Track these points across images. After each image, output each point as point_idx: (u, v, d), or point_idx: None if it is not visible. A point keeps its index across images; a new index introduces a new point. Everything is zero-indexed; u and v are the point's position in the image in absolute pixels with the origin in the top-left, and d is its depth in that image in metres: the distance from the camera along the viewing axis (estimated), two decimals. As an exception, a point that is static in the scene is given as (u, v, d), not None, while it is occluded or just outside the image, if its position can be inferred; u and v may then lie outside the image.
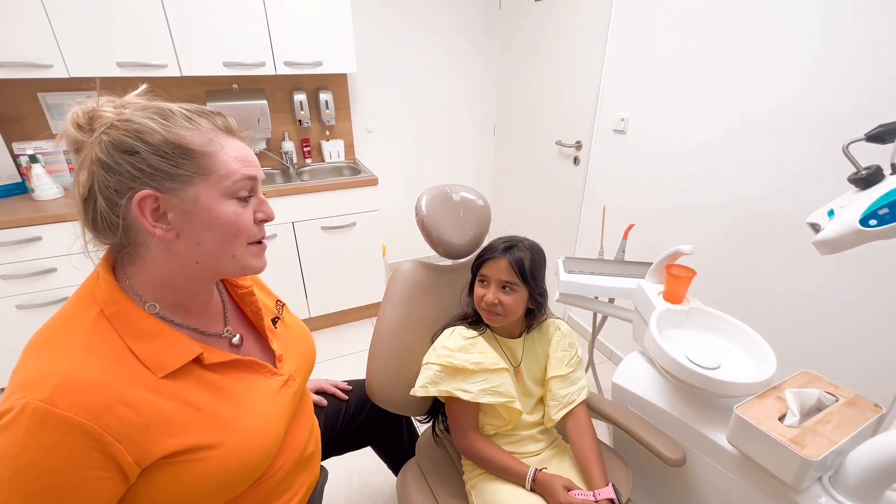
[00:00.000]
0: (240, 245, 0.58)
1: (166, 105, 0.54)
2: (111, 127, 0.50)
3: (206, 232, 0.54)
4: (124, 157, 0.49)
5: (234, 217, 0.56)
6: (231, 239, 0.56)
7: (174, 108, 0.54)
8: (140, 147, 0.50)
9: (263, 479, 0.64)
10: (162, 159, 0.50)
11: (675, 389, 0.95)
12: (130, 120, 0.51)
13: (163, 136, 0.51)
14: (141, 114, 0.52)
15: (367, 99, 2.41)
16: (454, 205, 1.04)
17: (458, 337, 0.92)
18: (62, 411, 0.43)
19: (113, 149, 0.49)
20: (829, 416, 0.73)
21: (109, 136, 0.50)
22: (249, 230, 0.58)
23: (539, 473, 0.83)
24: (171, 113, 0.53)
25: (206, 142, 0.53)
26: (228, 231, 0.55)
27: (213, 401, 0.56)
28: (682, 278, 0.99)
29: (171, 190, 0.51)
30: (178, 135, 0.52)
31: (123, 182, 0.50)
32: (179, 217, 0.52)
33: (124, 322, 0.51)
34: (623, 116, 1.72)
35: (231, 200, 0.55)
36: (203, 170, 0.53)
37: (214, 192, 0.54)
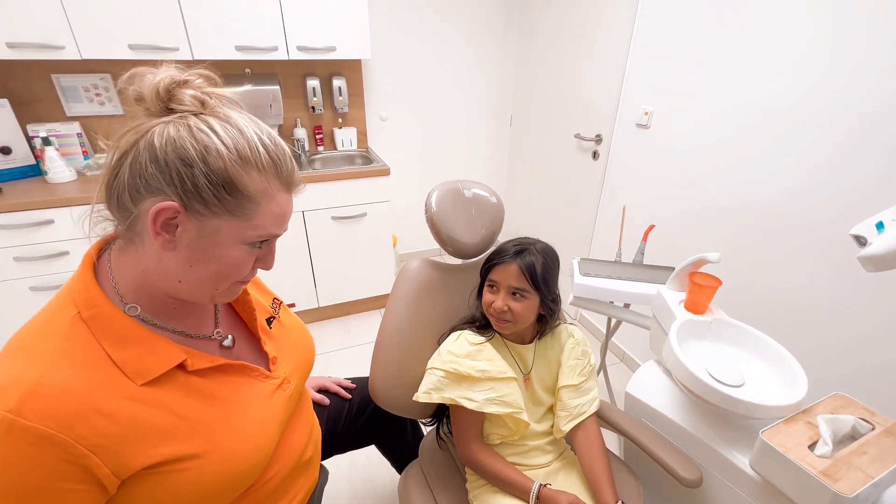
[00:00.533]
0: (226, 283, 0.55)
1: (245, 126, 0.49)
2: (182, 121, 0.47)
3: (204, 262, 0.50)
4: (177, 163, 0.46)
5: (238, 261, 0.53)
6: (222, 278, 0.53)
7: (251, 136, 0.49)
8: (197, 163, 0.46)
9: (257, 487, 0.61)
10: (209, 186, 0.47)
11: (693, 404, 0.90)
12: (203, 130, 0.47)
13: (224, 168, 0.47)
14: (217, 125, 0.47)
15: (381, 86, 2.35)
16: (466, 202, 0.99)
17: (464, 342, 0.88)
18: (31, 423, 0.41)
19: (171, 147, 0.46)
20: (864, 447, 0.67)
21: (177, 132, 0.46)
22: (243, 274, 0.55)
23: (544, 489, 0.79)
24: (246, 141, 0.48)
25: (260, 191, 0.50)
26: (225, 271, 0.53)
27: (198, 408, 0.53)
28: (707, 288, 0.93)
29: (196, 213, 0.47)
30: (239, 173, 0.48)
31: (159, 181, 0.46)
32: (189, 237, 0.49)
33: (102, 326, 0.48)
34: (647, 110, 1.64)
35: (244, 246, 0.52)
36: (239, 212, 0.49)
37: (235, 235, 0.50)
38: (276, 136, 0.53)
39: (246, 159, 0.48)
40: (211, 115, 0.49)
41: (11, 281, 1.60)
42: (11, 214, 1.53)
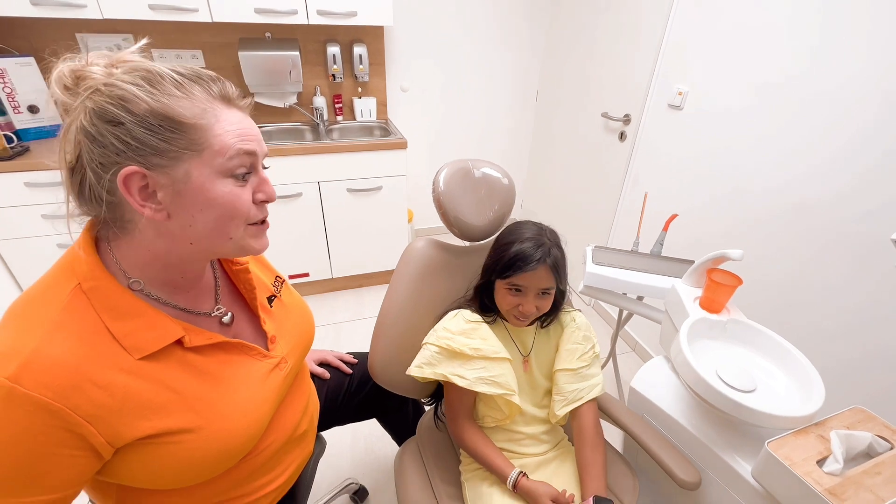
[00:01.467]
0: (237, 227, 0.52)
1: (157, 68, 0.47)
2: (96, 92, 0.45)
3: (199, 213, 0.49)
4: (108, 128, 0.44)
5: (230, 197, 0.50)
6: (226, 221, 0.51)
7: (164, 72, 0.47)
8: (124, 117, 0.44)
9: (249, 458, 0.63)
10: (148, 132, 0.45)
11: (698, 405, 0.87)
12: (115, 85, 0.45)
13: (149, 106, 0.45)
14: (127, 77, 0.45)
15: (403, 56, 2.28)
16: (476, 182, 0.95)
17: (461, 320, 0.86)
18: (27, 390, 0.41)
19: (97, 117, 0.44)
20: (879, 467, 0.63)
21: (94, 103, 0.44)
22: (247, 211, 0.52)
23: (522, 479, 0.78)
24: (161, 78, 0.46)
25: (198, 113, 0.47)
26: (223, 212, 0.50)
27: (194, 384, 0.53)
28: (725, 286, 0.88)
29: (159, 167, 0.46)
30: (166, 104, 0.46)
31: (108, 155, 0.45)
32: (170, 196, 0.47)
33: (102, 298, 0.48)
34: (681, 90, 1.53)
35: (227, 179, 0.50)
36: (195, 145, 0.47)
37: (208, 170, 0.48)
38: (188, 66, 0.50)
39: (166, 91, 0.46)
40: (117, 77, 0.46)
41: (40, 237, 1.66)
42: (38, 173, 1.57)
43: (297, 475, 0.77)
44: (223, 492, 0.63)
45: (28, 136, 1.75)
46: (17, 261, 1.68)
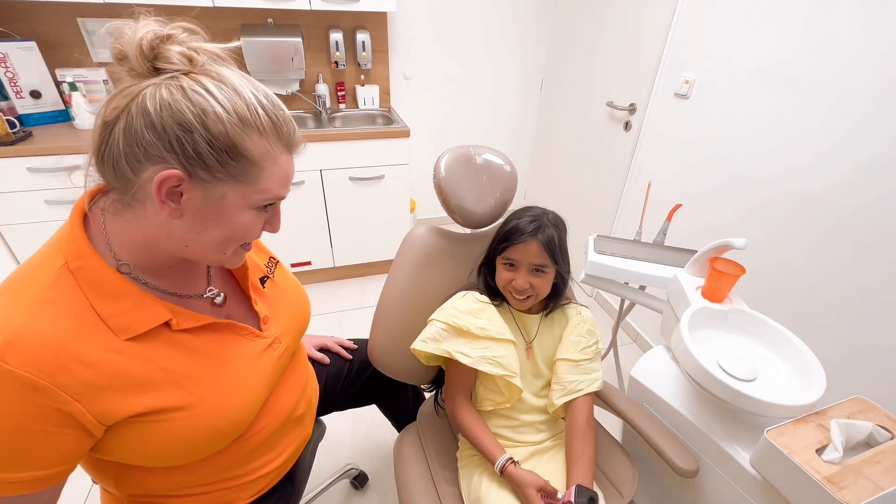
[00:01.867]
0: (233, 246, 0.54)
1: (245, 89, 0.47)
2: (175, 82, 0.44)
3: (212, 227, 0.50)
4: (175, 129, 0.43)
5: (247, 225, 0.52)
6: (231, 242, 0.53)
7: (249, 98, 0.47)
8: (197, 129, 0.44)
9: (244, 439, 0.63)
10: (211, 151, 0.45)
11: (698, 394, 0.87)
12: (199, 92, 0.44)
13: (225, 131, 0.45)
14: (212, 86, 0.45)
15: (406, 43, 2.25)
16: (477, 169, 0.94)
17: (470, 300, 0.87)
18: (13, 367, 0.41)
19: (167, 112, 0.43)
20: (879, 456, 0.63)
21: (170, 95, 0.43)
22: (251, 237, 0.55)
23: (510, 465, 0.78)
24: (244, 103, 0.46)
25: (262, 154, 0.48)
26: (233, 235, 0.52)
27: (184, 363, 0.53)
28: (728, 275, 0.87)
29: (201, 180, 0.46)
30: (240, 136, 0.46)
31: (158, 148, 0.44)
32: (195, 204, 0.47)
33: (89, 278, 0.48)
34: (688, 79, 1.50)
35: (252, 210, 0.52)
36: (244, 178, 0.48)
37: (241, 200, 0.50)
38: (272, 95, 0.50)
39: (246, 122, 0.46)
40: (202, 75, 0.46)
41: (43, 223, 1.67)
42: (42, 158, 1.57)
43: (295, 457, 0.78)
44: (221, 471, 0.63)
45: (30, 121, 1.75)
46: (20, 246, 1.69)
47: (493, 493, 0.78)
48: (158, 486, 0.60)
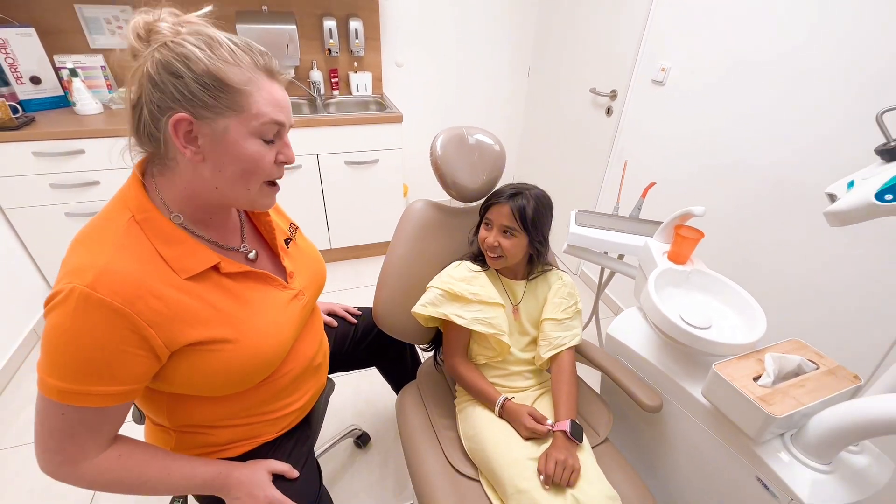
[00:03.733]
0: (256, 181, 0.61)
1: (216, 34, 0.56)
2: (163, 46, 0.53)
3: (229, 163, 0.58)
4: (170, 78, 0.52)
5: (257, 155, 0.59)
6: (249, 174, 0.60)
7: (222, 40, 0.55)
8: (184, 72, 0.52)
9: (274, 378, 0.73)
10: (202, 88, 0.53)
11: (663, 344, 0.99)
12: (181, 44, 0.53)
13: (206, 67, 0.53)
14: (191, 39, 0.54)
15: (398, 31, 2.32)
16: (469, 148, 1.04)
17: (463, 269, 0.98)
18: (102, 296, 0.51)
19: (161, 68, 0.52)
20: (804, 381, 0.76)
21: (161, 55, 0.53)
22: (268, 169, 0.61)
23: (508, 402, 0.91)
24: (218, 44, 0.55)
25: (244, 80, 0.55)
26: (248, 166, 0.59)
27: (229, 303, 0.63)
28: (689, 239, 0.99)
29: (204, 118, 0.54)
30: (220, 68, 0.54)
31: (165, 101, 0.53)
32: (208, 143, 0.56)
33: (153, 227, 0.58)
34: (664, 66, 1.62)
35: (257, 139, 0.58)
36: (237, 106, 0.55)
37: (243, 129, 0.56)
38: (247, 39, 0.59)
39: (222, 58, 0.54)
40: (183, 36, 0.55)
41: (49, 206, 1.72)
42: (45, 143, 1.62)
43: (312, 402, 0.88)
44: (255, 406, 0.74)
45: (31, 106, 1.79)
46: (26, 228, 1.74)
47: (489, 426, 0.90)
48: (203, 416, 0.70)
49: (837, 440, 0.67)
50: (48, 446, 0.56)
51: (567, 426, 0.86)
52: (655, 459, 1.05)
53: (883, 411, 0.61)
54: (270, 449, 0.79)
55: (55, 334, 0.52)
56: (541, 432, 0.87)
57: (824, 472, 0.71)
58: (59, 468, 0.57)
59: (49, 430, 0.55)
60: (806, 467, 0.72)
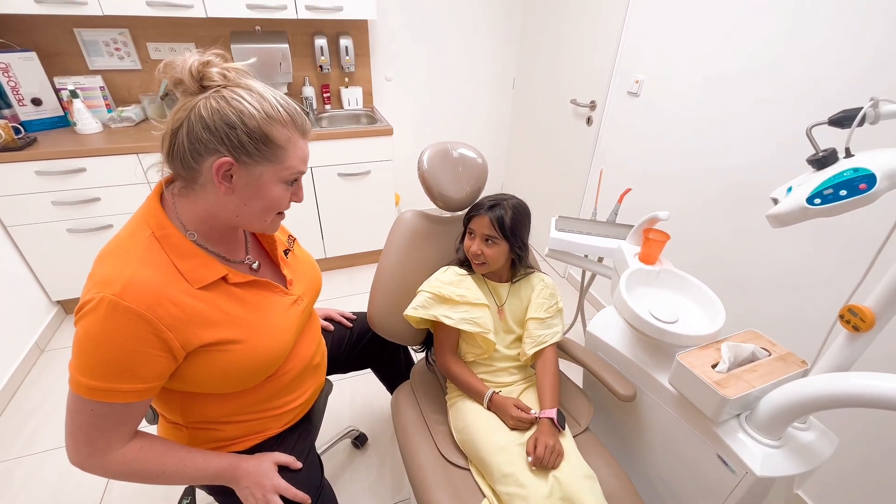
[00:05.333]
0: (271, 214, 0.72)
1: (266, 93, 0.64)
2: (220, 96, 0.61)
3: (255, 200, 0.67)
4: (223, 127, 0.60)
5: (279, 197, 0.69)
6: (269, 211, 0.70)
7: (272, 100, 0.64)
8: (238, 125, 0.61)
9: (277, 376, 0.81)
10: (250, 141, 0.62)
11: (637, 339, 1.08)
12: (238, 99, 0.61)
13: (258, 124, 0.62)
14: (246, 95, 0.62)
15: (387, 47, 2.42)
16: (454, 161, 1.12)
17: (451, 273, 1.06)
18: (129, 304, 0.58)
19: (217, 116, 0.60)
20: (757, 367, 0.84)
21: (217, 104, 0.60)
22: (283, 206, 0.72)
23: (495, 395, 0.99)
24: (270, 105, 0.63)
25: (285, 139, 0.65)
26: (270, 205, 0.69)
27: (237, 309, 0.71)
28: (657, 242, 1.08)
29: (244, 163, 0.63)
30: (269, 129, 0.63)
31: (213, 143, 0.61)
32: (242, 183, 0.65)
33: (170, 243, 0.65)
34: (638, 78, 1.72)
35: (282, 184, 0.68)
36: (275, 158, 0.65)
37: (274, 176, 0.66)
38: (286, 97, 0.68)
39: (272, 117, 0.63)
40: (236, 86, 0.63)
41: (51, 223, 1.78)
42: (47, 162, 1.68)
43: (312, 400, 0.96)
44: (260, 402, 0.81)
45: (32, 127, 1.85)
46: (29, 245, 1.79)
47: (478, 418, 0.98)
48: (214, 413, 0.77)
49: (784, 417, 0.75)
50: (77, 440, 0.63)
51: (554, 413, 0.94)
52: (631, 445, 1.12)
53: (817, 389, 0.69)
54: (275, 443, 0.86)
55: (87, 338, 0.59)
56: (526, 420, 0.95)
57: (774, 446, 0.80)
58: (88, 459, 0.64)
59: (80, 424, 0.62)
60: (758, 443, 0.80)
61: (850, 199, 0.69)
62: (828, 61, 1.11)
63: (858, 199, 0.68)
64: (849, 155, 0.74)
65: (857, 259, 1.07)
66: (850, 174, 0.70)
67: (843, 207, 0.70)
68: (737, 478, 0.82)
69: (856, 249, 1.08)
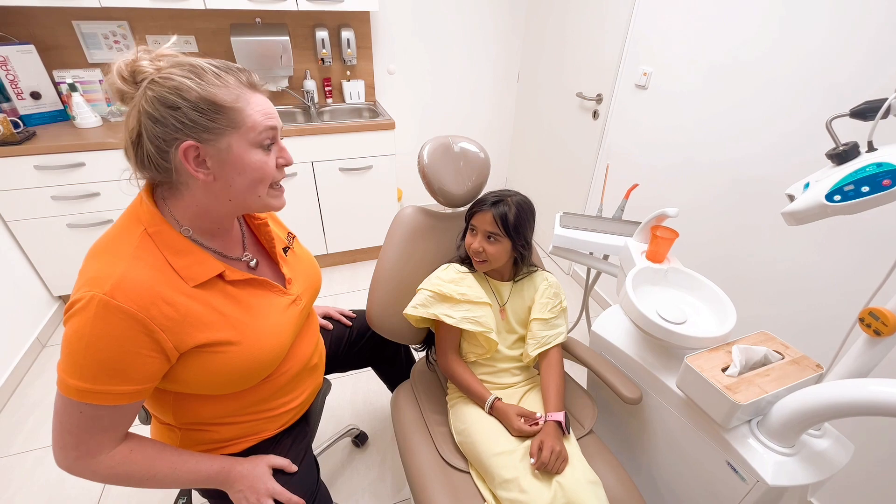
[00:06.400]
0: (264, 187, 0.67)
1: (197, 62, 0.60)
2: (153, 83, 0.58)
3: (237, 176, 0.63)
4: (168, 112, 0.57)
5: (260, 163, 0.64)
6: (257, 182, 0.65)
7: (205, 66, 0.60)
8: (181, 103, 0.57)
9: (274, 377, 0.78)
10: (199, 114, 0.58)
11: (643, 339, 1.04)
12: (170, 77, 0.57)
13: (198, 94, 0.58)
14: (177, 70, 0.58)
15: (389, 39, 2.38)
16: (455, 156, 1.09)
17: (452, 271, 1.03)
18: (119, 303, 0.56)
19: (158, 103, 0.57)
20: (769, 371, 0.81)
21: (154, 92, 0.57)
22: (272, 174, 0.67)
23: (497, 402, 0.96)
24: (203, 70, 0.59)
25: (234, 98, 0.60)
26: (255, 175, 0.64)
27: (233, 308, 0.68)
28: (665, 240, 1.05)
29: (208, 140, 0.59)
30: (211, 92, 0.59)
31: (168, 133, 0.58)
32: (216, 163, 0.61)
33: (163, 240, 0.63)
34: (646, 71, 1.67)
35: (257, 149, 0.64)
36: (233, 123, 0.61)
37: (244, 142, 0.62)
38: (223, 60, 0.64)
39: (209, 82, 0.59)
40: (167, 68, 0.59)
41: (51, 218, 1.76)
42: (46, 156, 1.67)
43: (310, 400, 0.93)
44: (256, 403, 0.79)
45: (31, 121, 1.84)
46: (29, 240, 1.78)
47: (479, 421, 0.95)
48: (207, 414, 0.75)
49: (797, 424, 0.72)
50: (66, 442, 0.61)
51: (562, 417, 0.91)
52: (637, 449, 1.10)
53: (834, 396, 0.66)
54: (271, 445, 0.84)
55: (76, 338, 0.57)
56: (529, 434, 0.91)
57: (787, 454, 0.76)
58: (76, 462, 0.62)
59: (67, 427, 0.60)
60: (770, 450, 0.77)
61: (872, 195, 0.65)
62: (843, 51, 1.06)
63: (882, 195, 0.65)
64: (871, 149, 0.70)
65: (877, 258, 1.03)
66: (873, 169, 0.66)
67: (864, 205, 0.67)
68: (747, 486, 0.79)
69: (875, 248, 1.03)
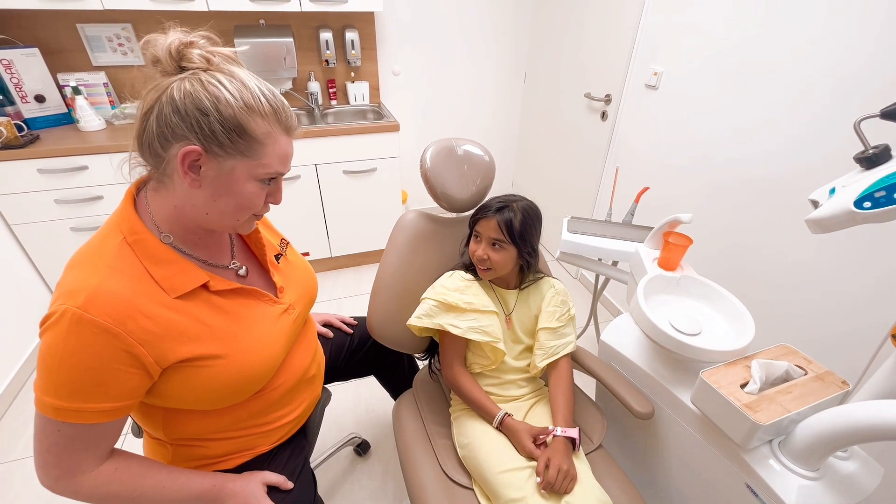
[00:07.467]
0: (245, 215, 0.65)
1: (248, 81, 0.58)
2: (197, 79, 0.55)
3: (224, 196, 0.60)
4: (195, 112, 0.54)
5: (253, 196, 0.62)
6: (241, 210, 0.63)
7: (255, 90, 0.58)
8: (212, 111, 0.55)
9: (267, 391, 0.75)
10: (223, 130, 0.56)
11: (655, 351, 1.00)
12: (216, 84, 0.55)
13: (234, 114, 0.56)
14: (225, 81, 0.56)
15: (394, 40, 2.35)
16: (458, 159, 1.06)
17: (457, 279, 0.99)
18: (93, 316, 0.53)
19: (189, 99, 0.54)
20: (791, 388, 0.76)
21: (191, 86, 0.54)
22: (257, 208, 0.65)
23: (507, 418, 0.91)
24: (251, 94, 0.57)
25: (264, 133, 0.58)
26: (242, 204, 0.62)
27: (219, 320, 0.65)
28: (678, 247, 1.00)
29: (215, 154, 0.57)
30: (247, 120, 0.56)
31: (182, 128, 0.55)
32: (211, 176, 0.58)
33: (143, 249, 0.60)
34: (657, 70, 1.62)
35: (256, 182, 0.62)
36: (250, 153, 0.58)
37: (247, 172, 0.60)
38: (273, 88, 0.61)
39: (251, 107, 0.57)
40: (217, 71, 0.57)
41: (54, 221, 1.76)
42: (50, 160, 1.66)
43: (307, 413, 0.90)
44: (249, 418, 0.75)
45: (36, 124, 1.83)
46: (32, 244, 1.78)
47: (483, 435, 0.91)
48: (198, 429, 0.72)
49: (823, 447, 0.67)
50: (46, 461, 0.58)
51: (576, 433, 0.87)
52: (648, 466, 1.05)
53: (865, 417, 0.61)
54: (266, 460, 0.81)
55: (49, 354, 0.54)
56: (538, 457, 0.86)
57: (811, 478, 0.72)
58: (57, 482, 0.59)
59: (47, 446, 0.57)
60: (793, 474, 0.72)
61: (907, 203, 0.61)
62: (861, 51, 1.00)
63: (918, 203, 0.60)
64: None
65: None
66: (908, 175, 0.61)
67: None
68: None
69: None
